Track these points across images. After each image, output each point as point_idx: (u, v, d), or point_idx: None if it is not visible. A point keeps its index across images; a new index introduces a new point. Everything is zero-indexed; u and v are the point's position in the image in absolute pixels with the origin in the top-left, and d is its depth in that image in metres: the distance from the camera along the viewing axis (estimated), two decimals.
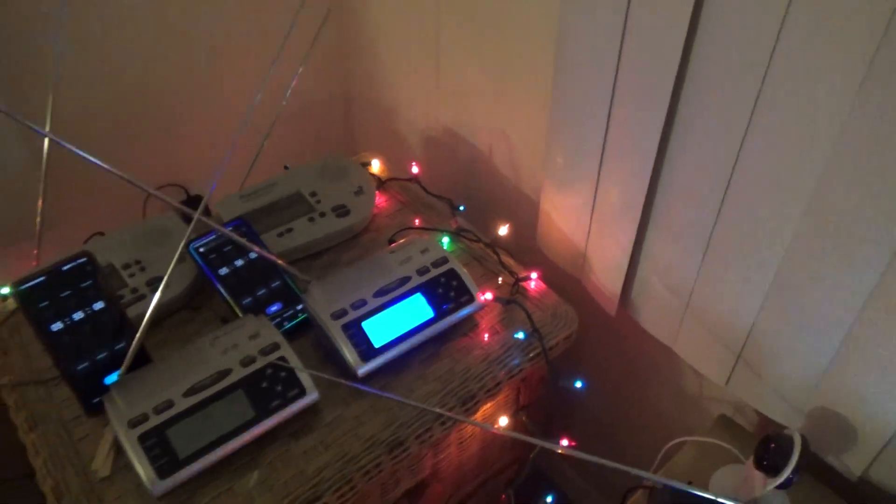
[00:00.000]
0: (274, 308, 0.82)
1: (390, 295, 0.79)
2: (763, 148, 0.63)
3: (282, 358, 0.72)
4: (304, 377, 0.72)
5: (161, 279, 0.76)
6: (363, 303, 0.78)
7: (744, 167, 0.65)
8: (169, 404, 0.67)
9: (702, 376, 0.88)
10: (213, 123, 1.19)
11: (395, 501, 0.84)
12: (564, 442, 0.78)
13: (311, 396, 0.72)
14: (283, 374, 0.71)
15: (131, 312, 0.79)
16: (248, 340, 0.73)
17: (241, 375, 0.70)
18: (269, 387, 0.70)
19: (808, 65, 0.56)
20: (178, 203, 0.76)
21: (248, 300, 0.82)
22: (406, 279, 0.81)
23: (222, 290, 0.82)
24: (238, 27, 1.12)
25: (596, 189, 0.84)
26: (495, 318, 0.85)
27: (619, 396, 1.08)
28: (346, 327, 0.76)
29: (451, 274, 0.83)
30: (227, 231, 0.80)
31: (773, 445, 0.59)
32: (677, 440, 0.78)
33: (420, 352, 0.81)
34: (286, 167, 1.03)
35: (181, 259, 0.85)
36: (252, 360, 0.71)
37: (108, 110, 1.05)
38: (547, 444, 0.64)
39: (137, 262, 0.86)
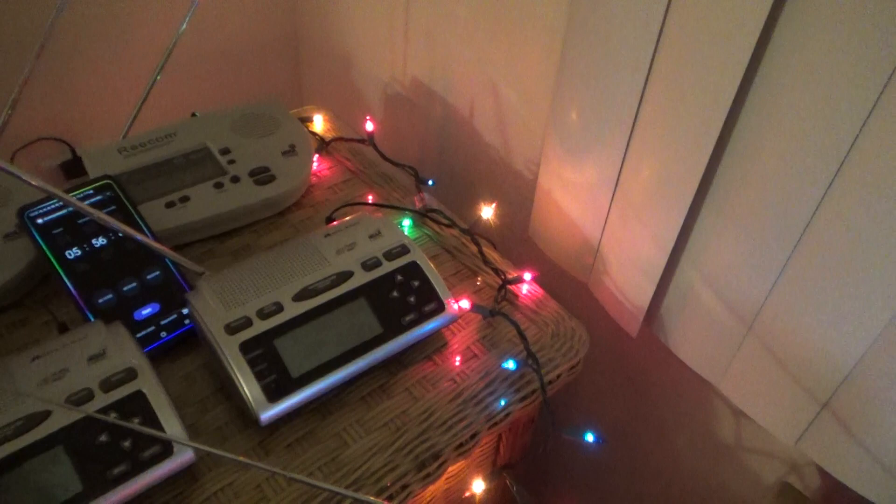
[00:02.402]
0: (147, 311, 0.56)
1: (319, 299, 0.53)
2: None
3: (138, 394, 0.45)
4: (171, 426, 0.45)
5: None
6: (277, 309, 0.52)
7: (873, 133, 0.41)
8: None
9: (749, 425, 0.64)
10: (120, 66, 0.91)
11: None
12: None
13: (181, 457, 0.45)
14: (137, 420, 0.45)
15: None
16: (88, 365, 0.47)
17: (66, 422, 0.44)
18: (112, 443, 0.44)
19: None
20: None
21: (106, 298, 0.55)
22: (346, 275, 0.55)
23: (67, 282, 0.55)
24: None
25: (624, 157, 0.59)
26: (473, 334, 0.60)
27: (635, 450, 0.82)
28: (246, 347, 0.50)
29: (413, 270, 0.57)
30: (66, 196, 0.53)
31: None
32: None
33: (362, 385, 0.55)
34: (194, 114, 0.76)
35: (10, 234, 0.58)
36: (87, 398, 0.45)
37: None
38: None
39: None
